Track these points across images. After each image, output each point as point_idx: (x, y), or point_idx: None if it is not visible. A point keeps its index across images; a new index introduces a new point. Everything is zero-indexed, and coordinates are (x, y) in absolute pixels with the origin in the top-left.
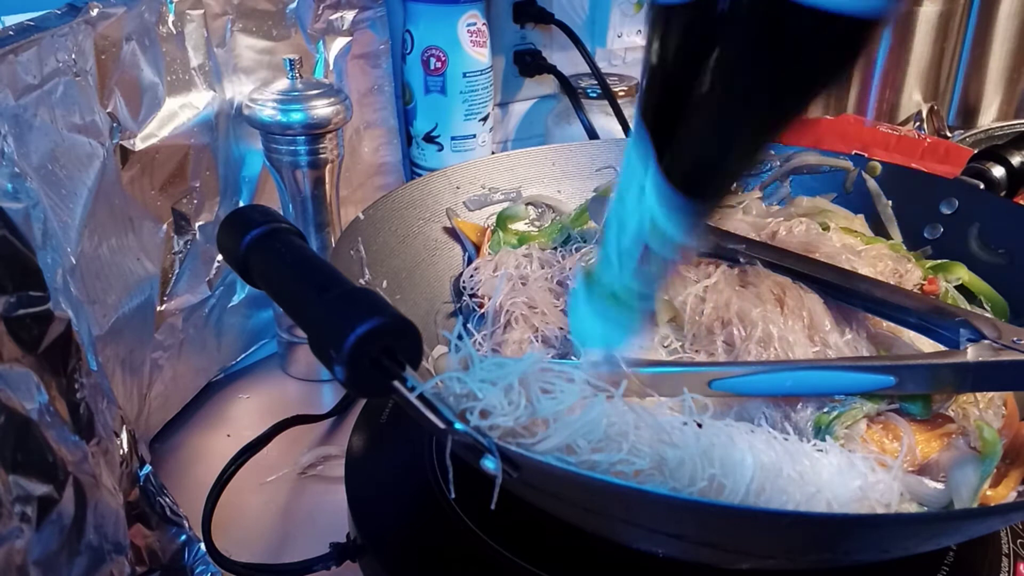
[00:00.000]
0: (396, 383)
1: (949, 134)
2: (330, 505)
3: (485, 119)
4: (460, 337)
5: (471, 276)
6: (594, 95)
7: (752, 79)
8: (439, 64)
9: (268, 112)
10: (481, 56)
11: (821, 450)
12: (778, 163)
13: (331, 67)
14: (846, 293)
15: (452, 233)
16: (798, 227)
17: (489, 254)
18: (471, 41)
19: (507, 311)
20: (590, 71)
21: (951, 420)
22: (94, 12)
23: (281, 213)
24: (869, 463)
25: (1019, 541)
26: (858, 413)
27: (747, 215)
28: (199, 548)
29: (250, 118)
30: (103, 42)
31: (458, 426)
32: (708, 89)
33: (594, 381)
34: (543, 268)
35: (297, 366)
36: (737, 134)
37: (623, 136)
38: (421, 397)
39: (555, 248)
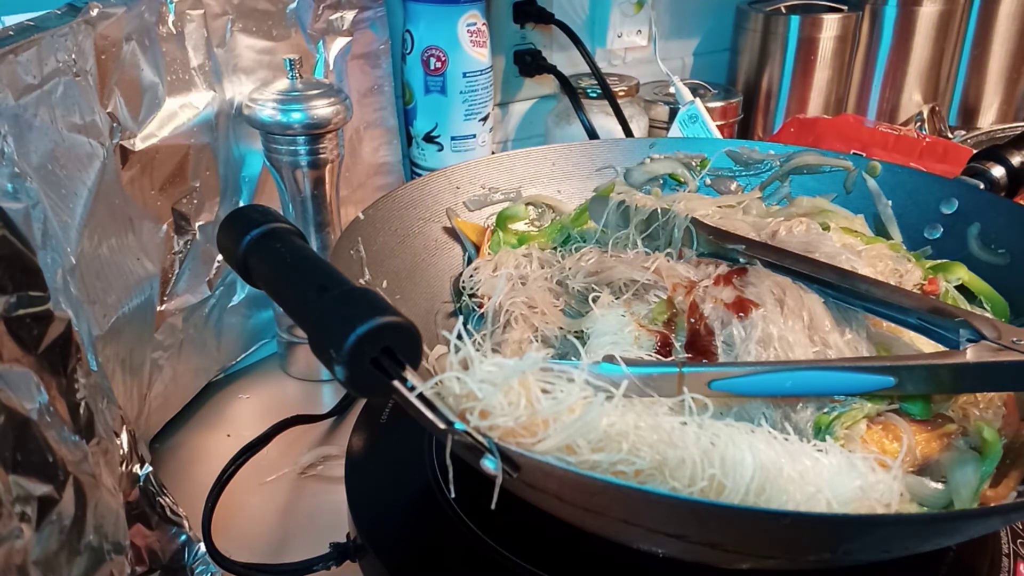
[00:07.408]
0: (396, 383)
1: (951, 135)
2: (330, 505)
3: (485, 119)
4: (460, 337)
5: (471, 276)
6: (594, 95)
7: None
8: (439, 64)
9: (268, 112)
10: (481, 56)
11: (821, 450)
12: (778, 163)
13: (331, 67)
14: (846, 293)
15: (452, 233)
16: (798, 227)
17: (489, 254)
18: (471, 41)
19: (507, 311)
20: (590, 71)
21: (951, 420)
22: (94, 12)
23: (281, 213)
24: (869, 463)
25: (1019, 541)
26: (858, 413)
27: (747, 215)
28: (199, 548)
29: (250, 118)
30: (103, 42)
31: (458, 426)
32: None
33: (594, 381)
34: (543, 268)
35: (297, 366)
36: None
37: (623, 136)
38: (421, 397)
39: (555, 248)
